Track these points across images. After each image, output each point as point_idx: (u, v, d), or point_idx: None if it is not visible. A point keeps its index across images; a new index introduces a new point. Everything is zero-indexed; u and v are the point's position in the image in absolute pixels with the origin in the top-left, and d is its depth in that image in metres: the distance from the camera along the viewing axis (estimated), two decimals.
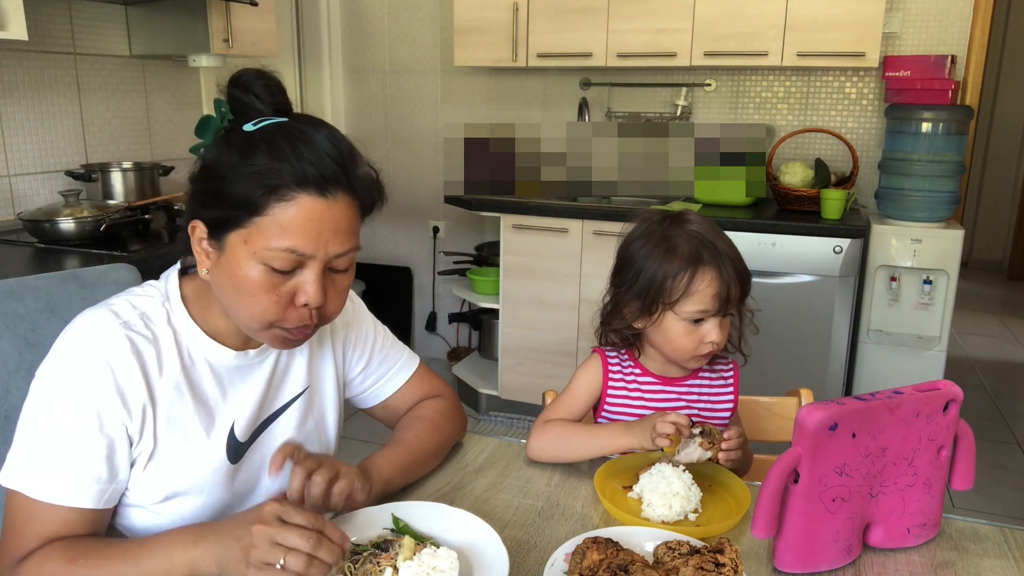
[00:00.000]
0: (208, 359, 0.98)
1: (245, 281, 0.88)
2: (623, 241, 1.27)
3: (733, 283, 1.17)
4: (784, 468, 0.90)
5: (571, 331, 3.08)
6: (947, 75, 2.83)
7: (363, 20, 3.81)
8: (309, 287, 0.89)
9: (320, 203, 0.86)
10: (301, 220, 0.86)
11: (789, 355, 2.77)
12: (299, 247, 0.86)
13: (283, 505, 0.83)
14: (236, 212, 0.87)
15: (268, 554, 0.79)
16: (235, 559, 0.80)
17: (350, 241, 0.90)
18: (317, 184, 0.86)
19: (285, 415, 1.06)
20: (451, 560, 0.87)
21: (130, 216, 2.30)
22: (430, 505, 1.02)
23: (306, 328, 0.93)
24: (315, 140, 0.88)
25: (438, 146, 3.81)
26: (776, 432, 1.46)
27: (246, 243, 0.87)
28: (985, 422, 3.35)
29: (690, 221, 1.22)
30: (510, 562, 0.89)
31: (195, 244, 0.93)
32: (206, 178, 0.90)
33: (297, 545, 0.79)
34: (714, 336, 1.18)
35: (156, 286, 0.99)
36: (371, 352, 1.19)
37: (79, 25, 2.58)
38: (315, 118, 0.93)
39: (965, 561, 0.98)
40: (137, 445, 0.92)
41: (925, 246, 2.76)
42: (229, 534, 0.82)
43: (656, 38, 2.99)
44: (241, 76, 0.93)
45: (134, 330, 0.92)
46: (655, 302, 1.19)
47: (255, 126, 0.90)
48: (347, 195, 0.89)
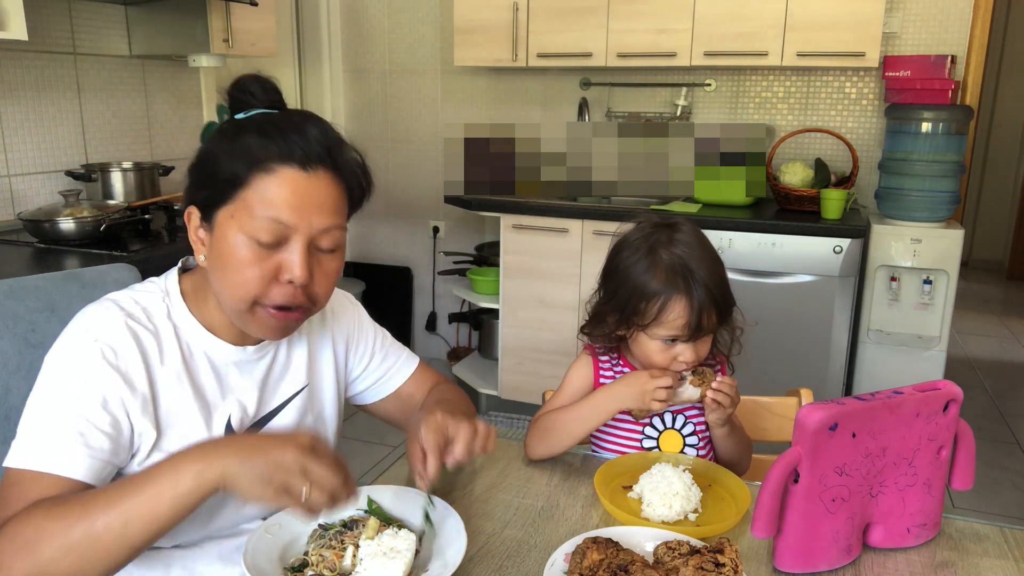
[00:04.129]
0: (207, 353, 0.99)
1: (232, 256, 0.90)
2: (616, 242, 1.28)
3: (707, 311, 1.17)
4: (784, 468, 0.90)
5: (571, 331, 3.08)
6: (947, 75, 2.83)
7: (363, 20, 3.81)
8: (294, 261, 0.90)
9: (302, 176, 0.89)
10: (284, 192, 0.89)
11: (789, 355, 2.77)
12: (282, 216, 0.88)
13: (316, 440, 0.83)
14: (223, 188, 0.90)
15: (294, 480, 0.79)
16: (253, 474, 0.79)
17: (333, 218, 0.92)
18: (300, 160, 0.89)
19: (284, 412, 1.07)
20: (409, 542, 0.90)
21: (130, 216, 2.30)
22: (406, 490, 1.04)
23: (292, 310, 0.93)
24: (303, 126, 0.91)
25: (438, 146, 3.81)
26: (776, 432, 1.46)
27: (232, 217, 0.90)
28: (985, 422, 3.35)
29: (677, 242, 1.20)
30: (505, 558, 0.90)
31: (192, 233, 0.95)
32: (199, 165, 0.94)
33: (324, 481, 0.80)
34: (686, 356, 1.20)
35: (156, 283, 1.01)
36: (372, 351, 1.20)
37: (79, 25, 2.58)
38: (309, 112, 0.96)
39: (965, 561, 0.98)
40: (139, 432, 0.92)
41: (925, 246, 2.76)
42: (254, 449, 0.80)
43: (656, 38, 2.99)
44: (239, 80, 0.98)
45: (137, 321, 0.94)
46: (630, 320, 1.21)
47: (246, 115, 0.94)
48: (330, 173, 0.92)
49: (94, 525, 0.78)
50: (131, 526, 0.79)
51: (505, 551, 0.98)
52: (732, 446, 1.29)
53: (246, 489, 0.79)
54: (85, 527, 0.78)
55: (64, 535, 0.78)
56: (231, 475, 0.79)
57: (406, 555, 0.88)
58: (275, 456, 0.79)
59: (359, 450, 3.02)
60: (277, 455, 0.80)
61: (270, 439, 0.83)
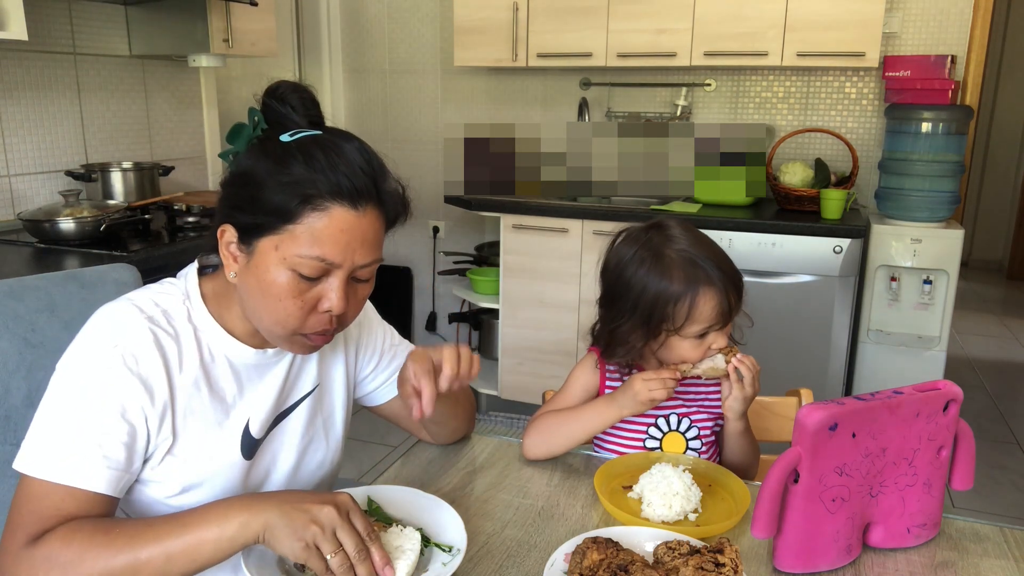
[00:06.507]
0: (228, 356, 0.99)
1: (272, 286, 0.90)
2: (609, 266, 1.25)
3: (731, 292, 1.18)
4: (784, 468, 0.90)
5: (571, 331, 3.08)
6: (947, 75, 2.83)
7: (363, 20, 3.81)
8: (333, 295, 0.91)
9: (352, 215, 0.89)
10: (333, 230, 0.88)
11: (789, 355, 2.76)
12: (328, 256, 0.89)
13: (355, 505, 0.86)
14: (270, 218, 0.89)
15: (324, 540, 0.81)
16: (290, 528, 0.82)
17: (375, 253, 0.93)
18: (350, 196, 0.89)
19: (296, 412, 1.08)
20: (414, 541, 0.91)
21: (130, 216, 2.30)
22: (404, 489, 1.05)
23: (325, 334, 0.95)
24: (348, 153, 0.91)
25: (438, 146, 3.81)
26: (776, 432, 1.46)
27: (277, 249, 0.89)
28: (985, 422, 3.35)
29: (675, 238, 1.20)
30: (505, 558, 0.89)
31: (223, 247, 0.94)
32: (241, 184, 0.92)
33: (350, 549, 0.82)
34: (720, 343, 1.20)
35: (176, 284, 1.01)
36: (381, 352, 1.20)
37: (79, 25, 2.58)
38: (346, 132, 0.96)
39: (965, 561, 0.98)
40: (156, 438, 0.92)
41: (925, 246, 2.76)
42: (295, 504, 0.84)
43: (656, 38, 2.99)
44: (278, 88, 0.96)
45: (157, 325, 0.94)
46: (659, 327, 1.19)
47: (291, 137, 0.92)
48: (376, 208, 0.92)
49: (138, 556, 0.81)
50: (173, 563, 0.82)
51: (505, 551, 0.98)
52: (743, 448, 1.28)
53: (281, 541, 0.82)
54: (128, 558, 0.81)
55: (106, 562, 0.81)
56: (271, 527, 0.82)
57: (410, 555, 0.88)
58: (313, 513, 0.82)
59: (359, 450, 3.02)
60: (315, 512, 0.83)
61: (312, 496, 0.86)
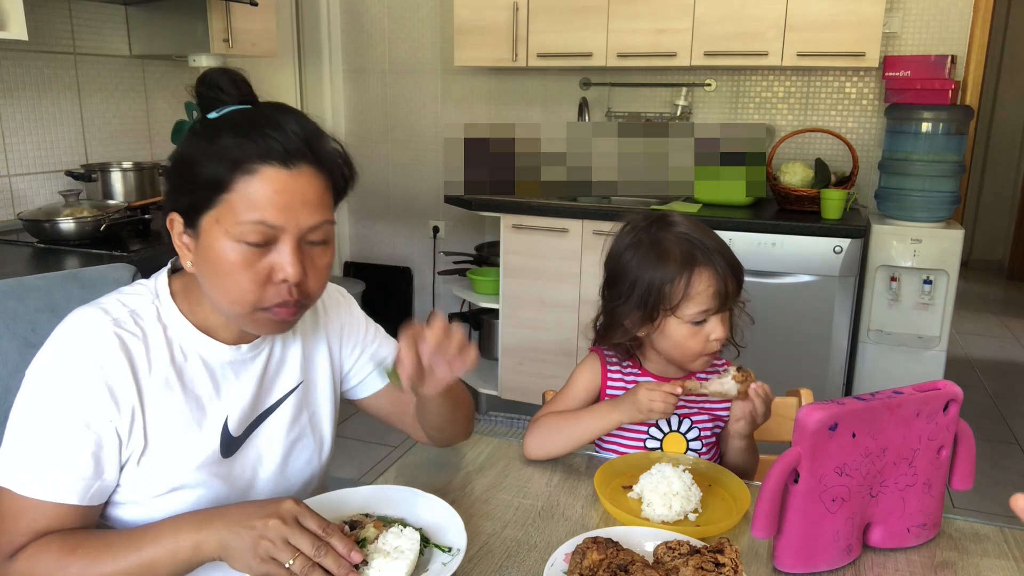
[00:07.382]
0: (201, 354, 0.98)
1: (222, 261, 0.89)
2: (610, 253, 1.27)
3: (729, 278, 1.19)
4: (784, 468, 0.90)
5: (571, 331, 3.08)
6: (947, 75, 2.83)
7: (363, 20, 3.81)
8: (285, 261, 0.89)
9: (284, 174, 0.87)
10: (268, 192, 0.87)
11: (789, 355, 2.76)
12: (268, 218, 0.87)
13: (301, 507, 0.85)
14: (206, 192, 0.88)
15: (277, 551, 0.81)
16: (243, 547, 0.82)
17: (321, 214, 0.91)
18: (280, 157, 0.87)
19: (279, 410, 1.06)
20: (413, 541, 0.91)
21: (130, 216, 2.30)
22: (404, 489, 1.05)
23: (288, 306, 0.92)
24: (279, 119, 0.90)
25: (438, 146, 3.81)
26: (776, 432, 1.46)
27: (218, 222, 0.88)
28: (985, 422, 3.35)
29: (675, 223, 1.23)
30: (505, 558, 0.89)
31: (175, 239, 0.94)
32: (176, 169, 0.92)
33: (307, 551, 0.82)
34: (718, 333, 1.20)
35: (146, 284, 1.00)
36: (363, 344, 1.19)
37: (79, 25, 2.58)
38: (282, 104, 0.94)
39: (965, 561, 0.98)
40: (127, 444, 0.92)
41: (925, 246, 2.76)
42: (241, 522, 0.84)
43: (656, 38, 2.99)
44: (206, 75, 0.95)
45: (123, 327, 0.93)
46: (655, 309, 1.20)
47: (218, 113, 0.92)
48: (313, 167, 0.90)
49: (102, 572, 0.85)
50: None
51: (505, 551, 0.98)
52: (743, 461, 1.29)
53: (237, 560, 0.83)
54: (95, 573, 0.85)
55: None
56: (226, 547, 0.83)
57: (409, 555, 0.88)
58: (259, 528, 0.82)
59: (359, 450, 3.02)
60: (257, 526, 0.83)
61: (255, 509, 0.85)
